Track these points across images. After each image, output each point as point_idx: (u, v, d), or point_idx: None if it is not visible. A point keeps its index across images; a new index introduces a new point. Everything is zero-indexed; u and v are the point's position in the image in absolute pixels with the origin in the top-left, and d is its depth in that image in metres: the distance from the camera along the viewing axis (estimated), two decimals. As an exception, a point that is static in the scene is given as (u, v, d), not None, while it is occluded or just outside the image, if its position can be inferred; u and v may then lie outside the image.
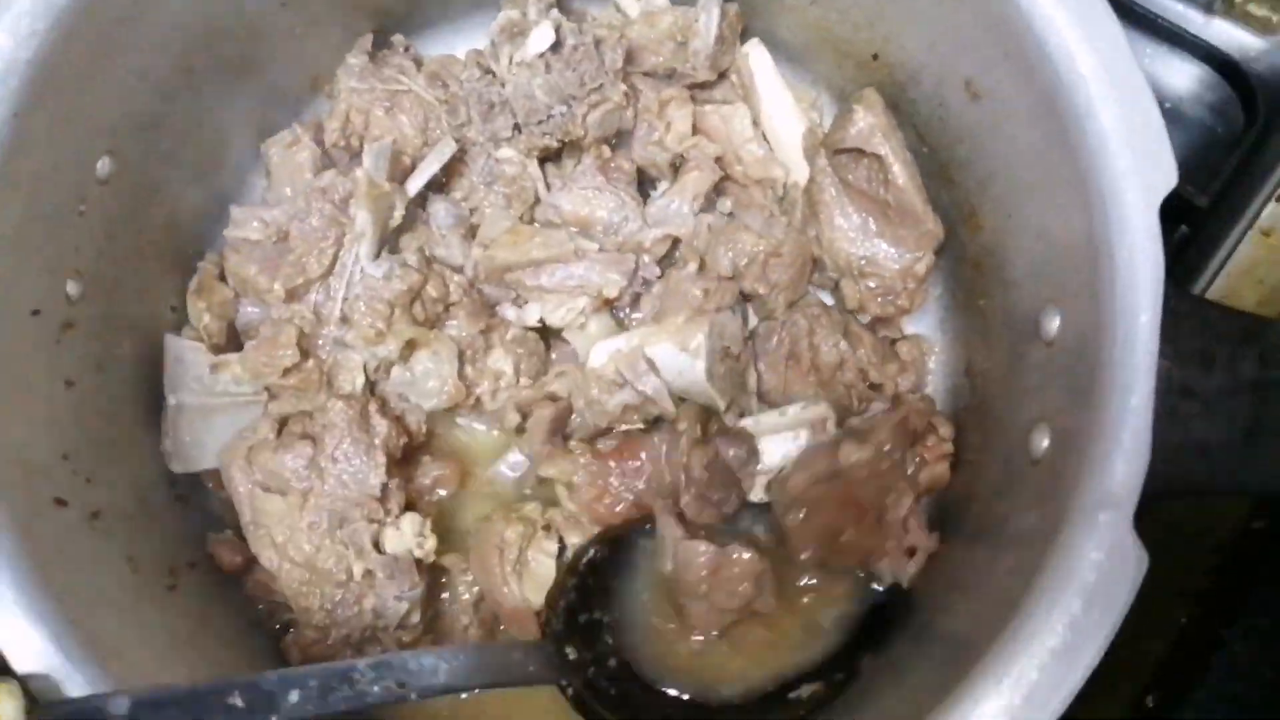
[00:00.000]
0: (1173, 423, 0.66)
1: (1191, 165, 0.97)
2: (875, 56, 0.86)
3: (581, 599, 0.82)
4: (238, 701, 0.63)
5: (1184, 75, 1.02)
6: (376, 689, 0.67)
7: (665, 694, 0.79)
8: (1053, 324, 0.72)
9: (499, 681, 0.76)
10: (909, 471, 0.86)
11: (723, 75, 0.94)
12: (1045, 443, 0.71)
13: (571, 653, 0.79)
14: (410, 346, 0.87)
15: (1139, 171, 0.65)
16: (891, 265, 0.89)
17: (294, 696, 0.65)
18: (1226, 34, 1.02)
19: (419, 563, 0.83)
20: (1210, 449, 0.67)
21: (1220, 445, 0.67)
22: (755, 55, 0.95)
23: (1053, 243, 0.72)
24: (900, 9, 0.80)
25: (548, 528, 0.86)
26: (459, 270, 0.90)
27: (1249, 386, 0.68)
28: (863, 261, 0.90)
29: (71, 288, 0.74)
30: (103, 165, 0.76)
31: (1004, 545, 0.71)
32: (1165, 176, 0.64)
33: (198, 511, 0.87)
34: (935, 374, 0.92)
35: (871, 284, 0.91)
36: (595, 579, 0.83)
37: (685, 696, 0.79)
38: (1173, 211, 0.89)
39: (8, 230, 0.67)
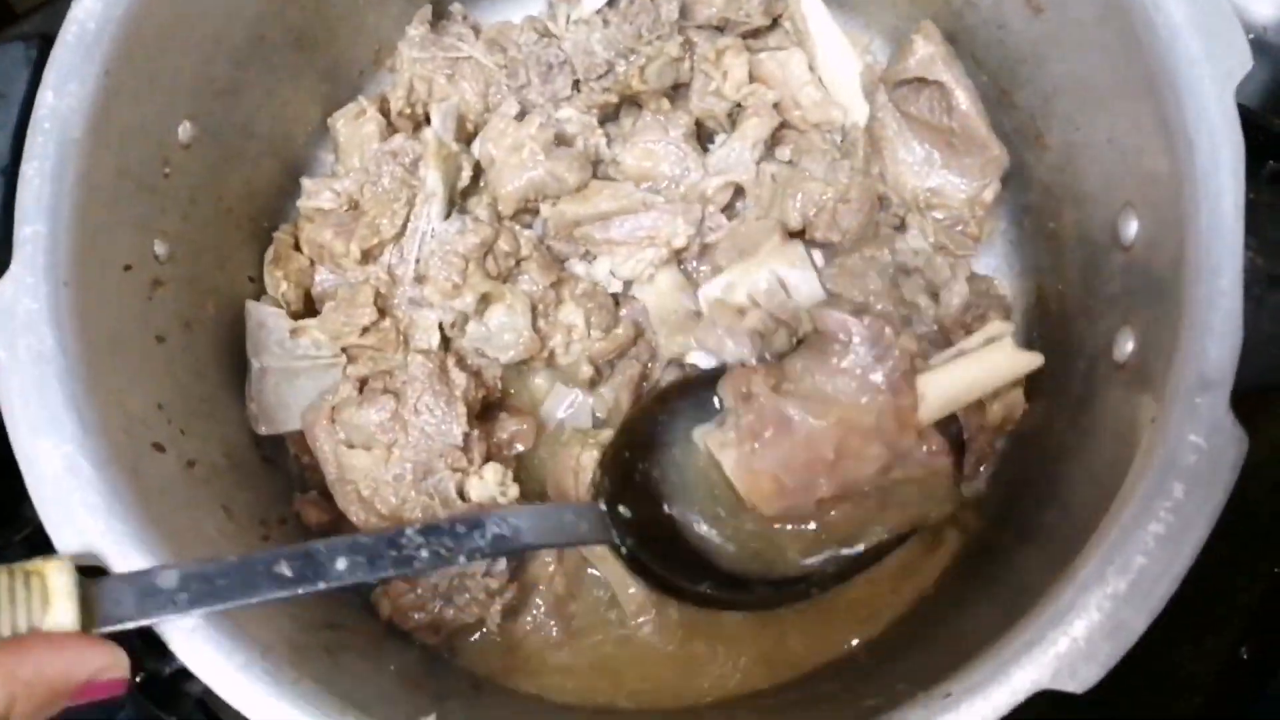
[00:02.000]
0: (1262, 311, 0.66)
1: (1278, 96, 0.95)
2: (930, -17, 0.87)
3: (636, 457, 0.82)
4: (285, 570, 0.62)
5: (1269, 4, 1.00)
6: (424, 553, 0.67)
7: (719, 550, 0.80)
8: (1130, 228, 0.72)
9: (550, 542, 0.77)
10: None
11: (776, 21, 0.95)
12: (1130, 345, 0.71)
13: (625, 511, 0.79)
14: (485, 301, 0.88)
15: (1212, 57, 0.64)
16: (959, 194, 0.89)
17: (341, 563, 0.64)
18: (1311, -36, 0.99)
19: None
20: (1299, 338, 0.67)
21: (1312, 333, 0.67)
22: (807, 1, 0.96)
23: (1127, 146, 0.72)
24: (954, -73, 0.80)
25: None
26: (528, 226, 0.91)
27: (1337, 273, 0.67)
28: (929, 193, 0.90)
29: (159, 248, 0.77)
30: (184, 130, 0.78)
31: (1096, 442, 0.70)
32: (1240, 60, 0.64)
33: (283, 473, 0.89)
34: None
35: (939, 215, 0.91)
36: (653, 435, 0.83)
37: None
38: (1259, 145, 0.89)
39: (101, 185, 0.70)
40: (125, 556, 0.62)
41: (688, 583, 0.79)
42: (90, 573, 0.60)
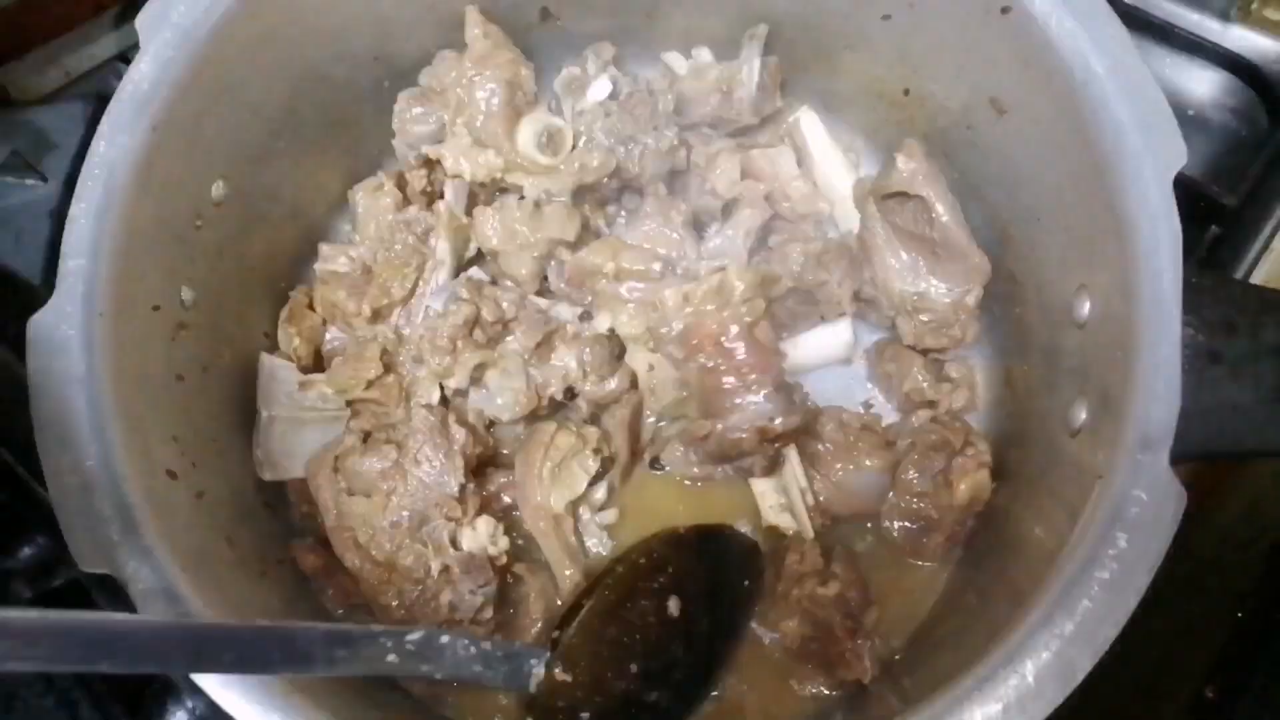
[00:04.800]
0: (1202, 386, 0.71)
1: (1219, 168, 1.02)
2: (906, 92, 0.95)
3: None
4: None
5: (1205, 82, 1.08)
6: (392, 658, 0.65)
7: None
8: (1084, 307, 0.78)
9: (497, 683, 0.75)
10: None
11: (765, 120, 1.03)
12: (1083, 414, 0.76)
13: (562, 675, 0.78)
14: (480, 369, 0.93)
15: (1152, 151, 0.71)
16: (943, 299, 0.95)
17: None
18: (1244, 40, 1.07)
19: (492, 561, 0.88)
20: (1240, 409, 0.72)
21: (1249, 406, 0.72)
22: (806, 120, 1.05)
23: (1079, 233, 0.79)
24: (929, 40, 0.88)
25: (597, 451, 0.92)
26: (519, 283, 0.97)
27: (1271, 351, 0.72)
28: (915, 297, 0.95)
29: (186, 294, 0.83)
30: (217, 188, 0.85)
31: (1052, 503, 0.75)
32: (1177, 154, 0.71)
33: (282, 519, 0.93)
34: (980, 388, 0.98)
35: (925, 318, 0.96)
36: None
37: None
38: (1202, 212, 0.96)
39: (139, 230, 0.76)
40: (135, 570, 0.66)
41: None
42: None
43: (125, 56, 1.18)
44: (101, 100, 0.77)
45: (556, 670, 0.77)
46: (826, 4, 0.93)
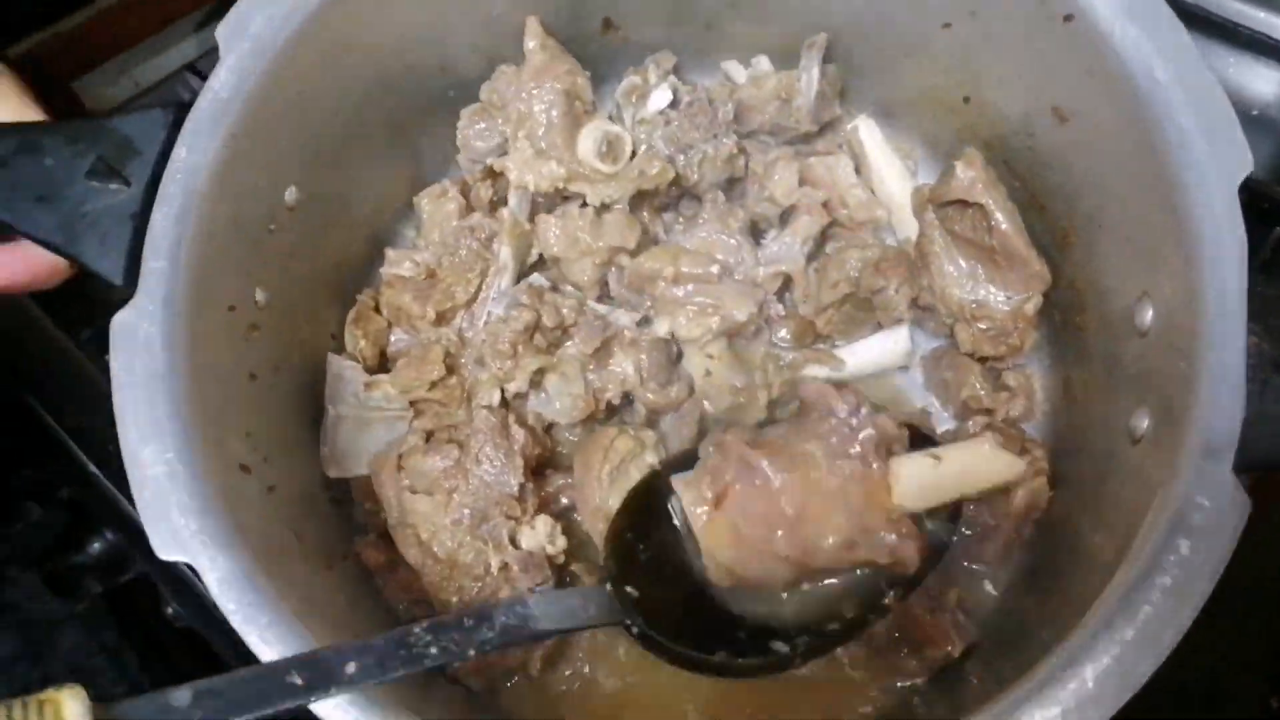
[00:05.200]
0: (1266, 394, 0.70)
1: (1281, 167, 1.00)
2: (966, 99, 0.95)
3: (639, 534, 0.84)
4: (296, 680, 0.62)
5: (1269, 81, 1.07)
6: (434, 650, 0.68)
7: (731, 617, 0.82)
8: (1146, 315, 0.77)
9: (560, 627, 0.77)
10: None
11: (824, 128, 1.04)
12: (1146, 422, 0.75)
13: (632, 591, 0.81)
14: (539, 373, 0.95)
15: (1218, 160, 0.71)
16: (1002, 308, 0.94)
17: (351, 667, 0.64)
18: (1309, 38, 1.05)
19: (550, 560, 0.89)
20: (1306, 420, 0.71)
21: (1316, 417, 0.71)
22: (864, 128, 1.05)
23: (1142, 242, 0.78)
24: (990, 48, 0.88)
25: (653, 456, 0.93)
26: (580, 288, 0.99)
27: (1338, 359, 0.72)
28: (974, 305, 0.95)
29: (260, 295, 0.85)
30: (290, 194, 0.88)
31: (1113, 512, 0.75)
32: (1242, 162, 0.71)
33: (347, 516, 0.95)
34: (1039, 396, 0.97)
35: (983, 326, 0.95)
36: (653, 510, 0.86)
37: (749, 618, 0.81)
38: (1266, 213, 0.96)
39: (216, 233, 0.79)
40: (212, 558, 0.69)
41: (700, 654, 0.81)
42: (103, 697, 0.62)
43: (194, 67, 1.23)
44: (181, 108, 0.80)
45: (627, 590, 0.80)
46: (887, 12, 0.94)
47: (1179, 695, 0.65)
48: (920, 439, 0.85)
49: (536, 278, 0.99)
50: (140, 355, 0.73)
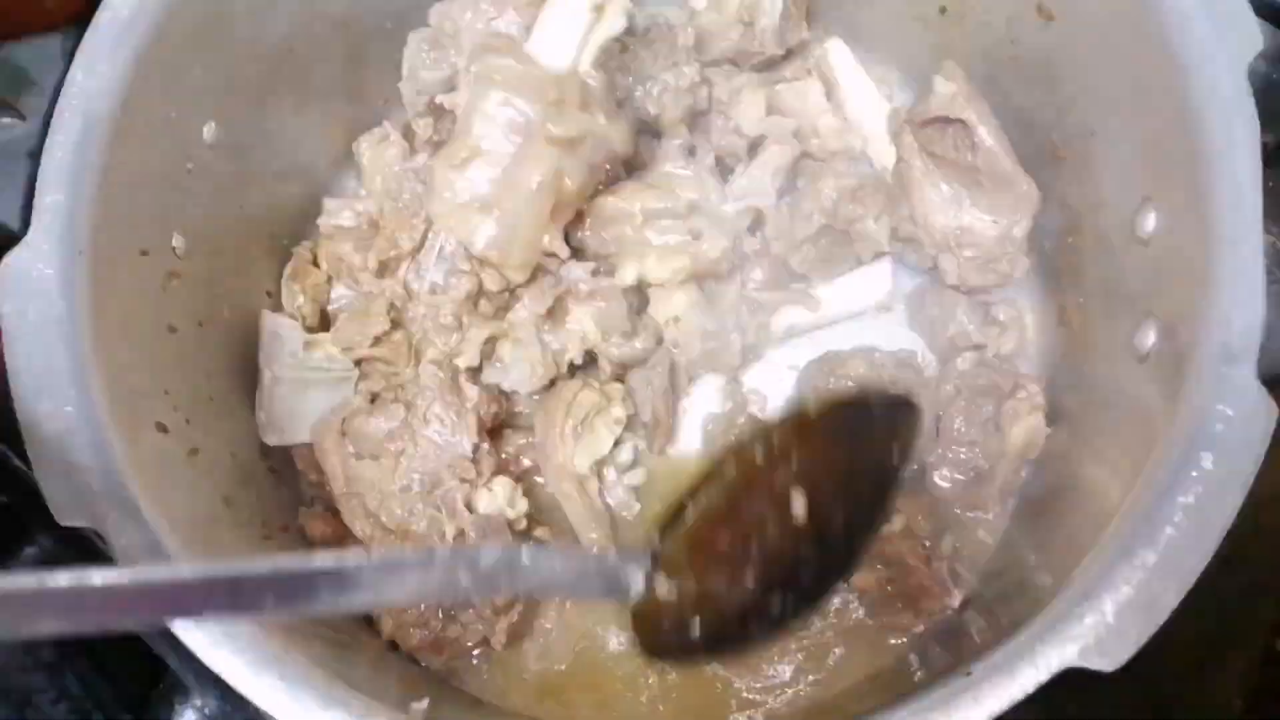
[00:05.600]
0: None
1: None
2: (943, 10, 0.89)
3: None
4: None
5: None
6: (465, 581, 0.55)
7: None
8: (1149, 222, 0.71)
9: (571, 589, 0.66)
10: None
11: (790, 52, 0.97)
12: (1152, 336, 0.69)
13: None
14: (490, 342, 0.87)
15: (1222, 39, 0.65)
16: (989, 232, 0.87)
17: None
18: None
19: (510, 525, 0.82)
20: (1325, 322, 0.65)
21: (1335, 318, 0.65)
22: (835, 51, 0.98)
23: (1142, 140, 0.72)
24: (966, -55, 0.82)
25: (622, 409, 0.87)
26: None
27: (1358, 258, 0.66)
28: (959, 231, 0.88)
29: (178, 241, 0.77)
30: (209, 130, 0.80)
31: (1121, 435, 0.68)
32: (1250, 40, 0.64)
33: (289, 487, 0.88)
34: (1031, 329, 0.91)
35: (969, 254, 0.88)
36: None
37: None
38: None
39: (123, 166, 0.71)
40: (118, 522, 0.61)
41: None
42: None
43: None
44: (81, 34, 0.72)
45: (659, 582, 0.64)
46: (857, -81, 0.87)
47: (1181, 640, 0.58)
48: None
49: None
50: (34, 300, 0.65)
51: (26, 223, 0.69)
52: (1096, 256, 0.80)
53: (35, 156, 0.70)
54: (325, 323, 0.93)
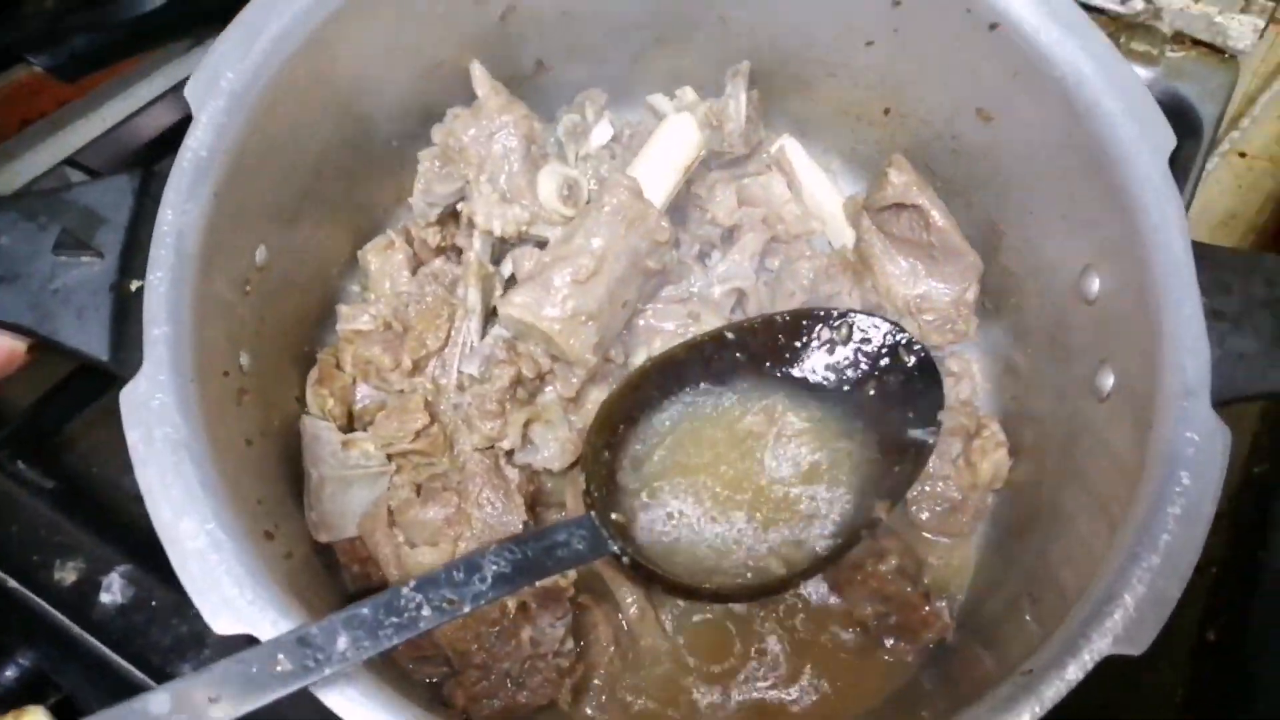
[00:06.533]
0: (1211, 339, 0.80)
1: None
2: (887, 111, 1.03)
3: (615, 453, 0.88)
4: (286, 665, 0.61)
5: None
6: (426, 611, 0.67)
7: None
8: (1093, 285, 0.86)
9: (550, 570, 0.76)
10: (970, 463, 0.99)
11: (752, 150, 1.10)
12: (1111, 379, 0.83)
13: (619, 518, 0.84)
14: (527, 424, 0.96)
15: (1146, 137, 0.80)
16: (944, 298, 1.02)
17: (342, 643, 0.63)
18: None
19: (562, 593, 0.90)
20: (1245, 357, 0.80)
21: (1253, 354, 0.80)
22: (790, 147, 1.12)
23: (1079, 220, 0.87)
24: (913, 61, 0.95)
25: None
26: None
27: (1262, 304, 0.82)
28: (918, 299, 1.03)
29: (244, 359, 0.83)
30: (260, 253, 0.85)
31: (1092, 465, 0.83)
32: (1166, 137, 0.80)
33: (335, 579, 0.93)
34: (978, 376, 1.05)
35: (929, 317, 1.03)
36: (629, 427, 0.90)
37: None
38: None
39: (208, 296, 0.76)
40: (273, 623, 0.66)
41: (692, 581, 0.85)
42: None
43: (74, 160, 1.18)
44: (148, 172, 0.78)
45: (613, 517, 0.82)
46: (810, 35, 1.00)
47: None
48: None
49: (499, 330, 0.99)
50: (158, 425, 0.69)
51: (115, 352, 0.73)
52: (1041, 314, 0.94)
53: (116, 290, 0.75)
54: (351, 422, 0.98)
